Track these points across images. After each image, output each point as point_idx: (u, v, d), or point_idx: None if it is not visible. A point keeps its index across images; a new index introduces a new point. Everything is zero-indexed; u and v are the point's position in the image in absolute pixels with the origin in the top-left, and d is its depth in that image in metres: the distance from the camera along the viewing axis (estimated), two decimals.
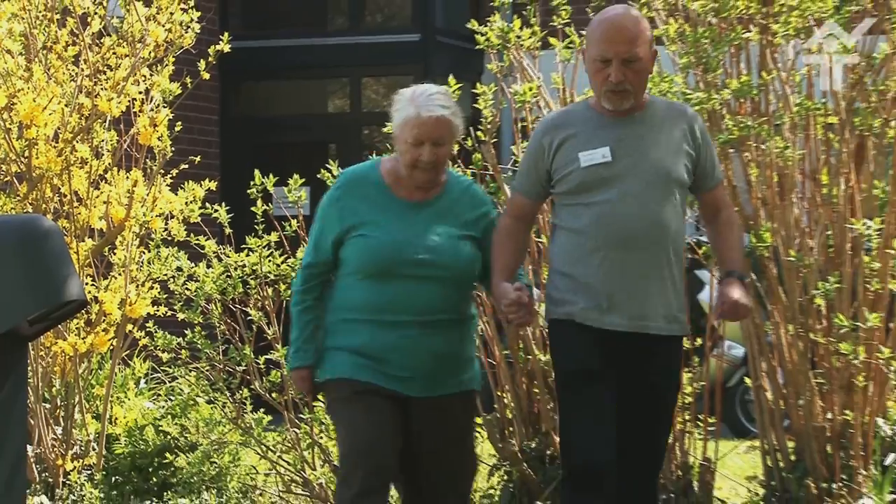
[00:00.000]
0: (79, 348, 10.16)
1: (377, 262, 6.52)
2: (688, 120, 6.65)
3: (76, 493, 10.04)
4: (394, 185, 6.66)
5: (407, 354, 6.52)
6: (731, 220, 6.80)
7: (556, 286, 6.62)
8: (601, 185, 6.45)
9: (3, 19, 10.12)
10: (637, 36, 6.44)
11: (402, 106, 6.60)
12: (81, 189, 10.27)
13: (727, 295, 6.50)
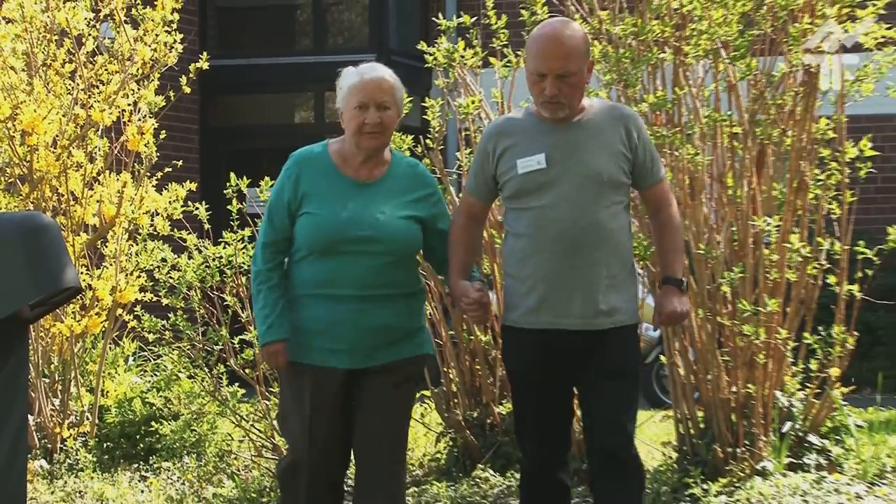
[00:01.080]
0: (74, 330, 10.15)
1: (322, 239, 6.14)
2: (624, 121, 6.25)
3: (72, 457, 10.01)
4: (341, 165, 6.27)
5: (351, 327, 6.13)
6: (670, 220, 6.37)
7: (506, 289, 6.34)
8: (537, 190, 6.11)
9: (7, 39, 10.10)
10: (570, 52, 6.07)
11: (347, 76, 6.25)
12: (77, 189, 10.26)
13: (664, 305, 6.23)
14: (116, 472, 9.85)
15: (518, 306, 6.18)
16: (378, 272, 6.13)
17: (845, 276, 8.75)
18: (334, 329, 6.13)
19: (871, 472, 8.73)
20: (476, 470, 9.10)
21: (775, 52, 8.77)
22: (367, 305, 6.12)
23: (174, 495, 9.28)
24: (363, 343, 6.16)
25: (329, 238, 6.11)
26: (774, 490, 8.32)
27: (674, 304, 6.19)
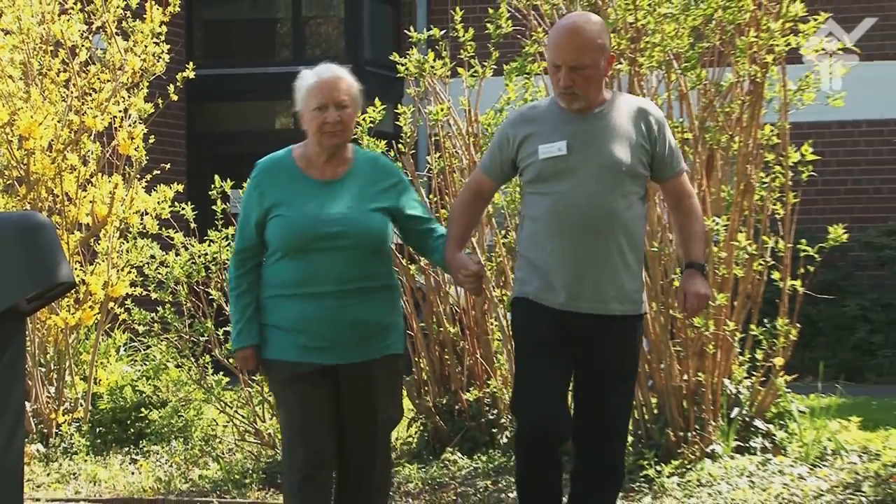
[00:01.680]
0: (69, 322, 10.13)
1: (293, 238, 5.86)
2: (646, 115, 6.00)
3: (66, 441, 9.98)
4: (306, 167, 6.00)
5: (329, 324, 5.85)
6: (691, 210, 6.12)
7: (520, 268, 6.08)
8: (556, 176, 5.87)
9: (6, 50, 10.09)
10: (585, 44, 5.83)
11: (304, 78, 6.02)
12: (71, 191, 10.23)
13: (689, 287, 5.99)
14: (108, 455, 9.83)
15: (533, 284, 5.95)
16: (353, 265, 5.88)
17: (788, 272, 8.78)
18: (314, 326, 5.87)
19: (812, 454, 8.75)
20: (445, 453, 9.11)
21: (723, 63, 8.79)
22: (346, 301, 5.86)
23: (162, 477, 9.26)
24: (343, 339, 5.89)
25: (300, 237, 5.87)
26: (723, 471, 8.34)
27: (698, 287, 5.98)
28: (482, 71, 9.02)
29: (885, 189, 16.41)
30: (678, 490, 8.22)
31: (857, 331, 15.32)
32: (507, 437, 9.12)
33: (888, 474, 8.25)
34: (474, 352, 9.38)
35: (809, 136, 9.92)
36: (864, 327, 15.33)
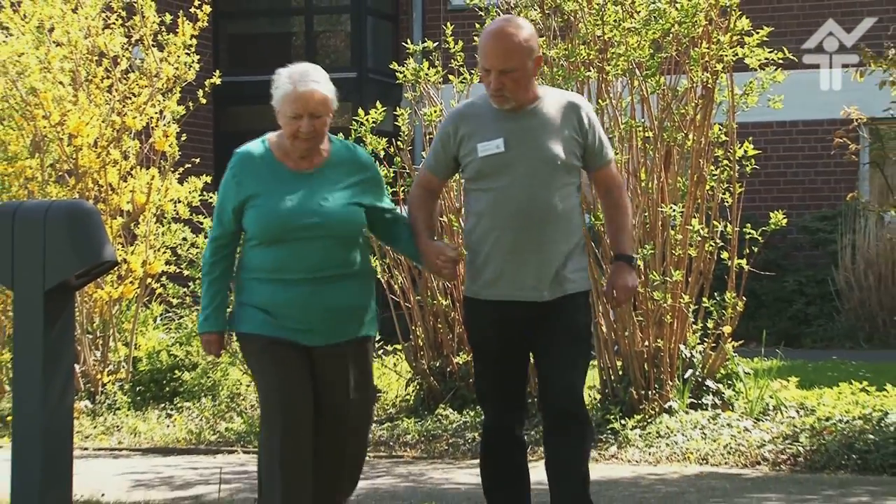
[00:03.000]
0: (112, 295, 10.14)
1: (270, 229, 5.33)
2: (576, 109, 5.54)
3: (110, 398, 9.99)
4: (282, 158, 5.45)
5: (303, 309, 5.33)
6: (620, 201, 5.67)
7: (467, 264, 5.59)
8: (496, 172, 5.42)
9: (57, 59, 10.08)
10: (512, 49, 5.38)
11: (281, 83, 5.45)
12: (114, 182, 10.23)
13: (617, 279, 5.56)
14: (147, 410, 9.84)
15: (477, 279, 5.51)
16: (326, 255, 5.35)
17: (735, 253, 8.79)
18: (287, 310, 5.34)
19: (756, 410, 8.77)
20: (438, 409, 9.13)
21: (680, 71, 8.81)
22: (318, 287, 5.33)
23: (193, 429, 9.27)
24: (316, 323, 5.35)
25: (277, 228, 5.33)
26: (679, 425, 8.36)
27: (625, 279, 5.54)
28: (470, 78, 9.02)
29: (819, 181, 16.44)
30: (640, 441, 8.25)
31: (794, 303, 15.34)
32: None
33: (821, 427, 8.27)
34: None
35: (753, 135, 9.92)
36: (801, 300, 15.36)
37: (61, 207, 6.64)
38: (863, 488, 7.19)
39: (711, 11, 8.64)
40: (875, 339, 14.51)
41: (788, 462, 7.90)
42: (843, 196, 14.25)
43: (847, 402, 9.02)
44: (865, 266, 14.74)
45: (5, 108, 10.19)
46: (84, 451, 8.64)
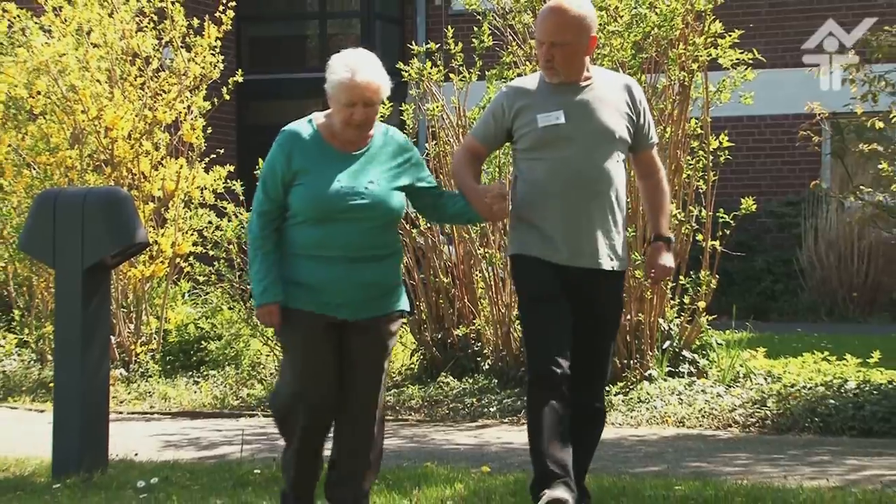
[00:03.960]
0: (144, 273, 10.14)
1: (318, 208, 5.00)
2: (629, 89, 5.27)
3: (143, 367, 9.99)
4: (330, 138, 5.11)
5: (340, 285, 5.01)
6: (661, 184, 5.38)
7: (515, 228, 5.28)
8: (554, 142, 5.12)
9: (95, 59, 10.08)
10: (566, 23, 5.09)
11: (337, 70, 5.09)
12: (146, 170, 10.22)
13: (658, 261, 5.28)
14: (176, 378, 9.84)
15: (530, 241, 5.18)
16: (366, 236, 5.04)
17: (709, 235, 8.77)
18: (327, 286, 5.02)
19: (728, 377, 8.77)
20: (440, 377, 9.13)
21: (659, 70, 8.78)
22: (356, 265, 5.02)
23: (218, 395, 9.27)
24: (353, 298, 5.04)
25: (325, 207, 5.00)
26: (658, 391, 8.35)
27: (664, 259, 5.26)
28: (469, 76, 9.00)
29: (785, 170, 16.42)
30: (623, 405, 8.24)
31: (762, 281, 15.34)
32: (488, 364, 9.13)
33: (787, 393, 8.27)
34: (463, 297, 9.38)
35: (726, 128, 9.90)
36: (769, 278, 15.35)
37: (98, 194, 6.64)
38: (824, 448, 7.19)
39: (688, 16, 8.63)
40: (835, 314, 14.52)
41: (757, 425, 7.90)
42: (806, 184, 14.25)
43: (810, 370, 9.03)
44: (827, 247, 14.74)
45: (48, 104, 10.18)
46: (119, 415, 8.64)
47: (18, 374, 10.15)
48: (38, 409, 9.09)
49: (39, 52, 10.07)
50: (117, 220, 6.39)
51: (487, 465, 6.52)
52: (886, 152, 8.63)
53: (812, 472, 6.41)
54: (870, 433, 7.57)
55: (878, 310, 14.37)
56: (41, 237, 6.44)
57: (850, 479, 6.26)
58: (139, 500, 5.86)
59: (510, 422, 8.22)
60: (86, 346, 6.37)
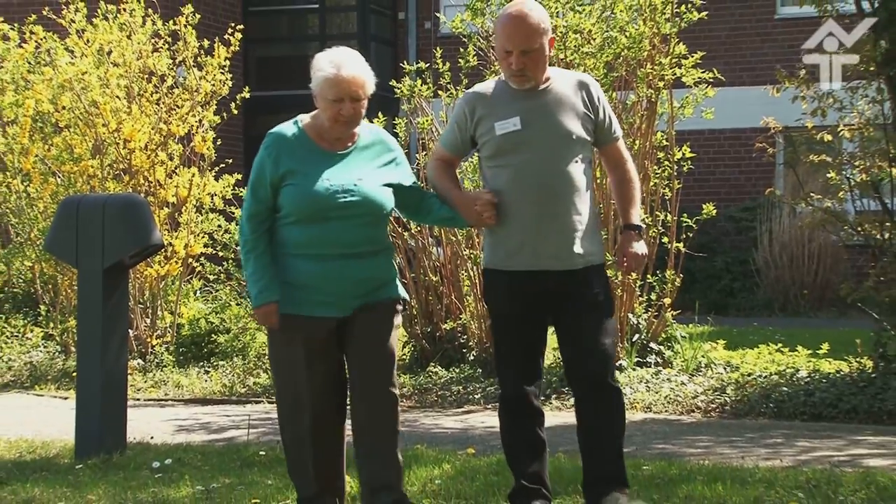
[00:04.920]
0: (160, 273, 10.12)
1: (308, 208, 4.67)
2: (586, 86, 4.90)
3: (158, 358, 9.97)
4: (317, 139, 4.78)
5: (334, 281, 4.68)
6: (627, 174, 4.99)
7: (486, 237, 4.96)
8: (514, 149, 4.77)
9: (114, 77, 10.06)
10: (533, 30, 4.74)
11: (323, 67, 4.78)
12: (161, 178, 10.20)
13: (629, 249, 4.90)
14: (188, 367, 9.81)
15: (499, 251, 4.85)
16: (358, 232, 4.71)
17: (674, 238, 8.78)
18: (321, 283, 4.69)
19: (691, 367, 8.77)
20: (429, 367, 9.12)
21: (628, 87, 8.78)
22: (349, 261, 4.70)
23: (227, 383, 9.25)
24: (348, 293, 4.72)
25: (315, 207, 4.67)
26: (627, 379, 8.35)
27: (636, 248, 4.89)
28: (455, 93, 8.98)
29: (742, 178, 16.46)
30: None
31: (722, 279, 15.36)
32: (473, 355, 9.12)
33: (744, 381, 8.28)
34: (450, 294, 9.38)
35: (689, 140, 9.92)
36: (727, 276, 15.37)
37: (117, 200, 6.62)
38: (778, 431, 7.19)
39: (654, 39, 8.64)
40: (788, 309, 14.54)
41: (717, 410, 7.90)
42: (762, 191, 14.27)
43: (765, 360, 9.04)
44: (780, 249, 14.76)
45: (71, 118, 10.17)
46: (136, 402, 8.61)
47: (44, 364, 10.12)
48: (62, 396, 9.06)
49: (64, 71, 10.06)
50: (135, 223, 6.37)
51: (472, 447, 6.51)
52: (834, 163, 8.64)
53: (767, 454, 6.41)
54: (819, 417, 7.57)
55: (827, 305, 14.39)
56: (65, 239, 6.42)
57: (802, 459, 6.27)
58: (154, 479, 5.84)
59: (493, 408, 8.21)
60: (106, 339, 6.35)
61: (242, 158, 16.37)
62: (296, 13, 18.52)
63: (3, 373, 10.02)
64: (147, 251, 6.64)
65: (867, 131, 8.52)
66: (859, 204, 8.66)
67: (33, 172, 10.33)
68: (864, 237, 8.53)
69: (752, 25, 16.83)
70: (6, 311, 11.27)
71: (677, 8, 8.72)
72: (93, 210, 6.38)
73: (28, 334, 10.80)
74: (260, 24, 17.53)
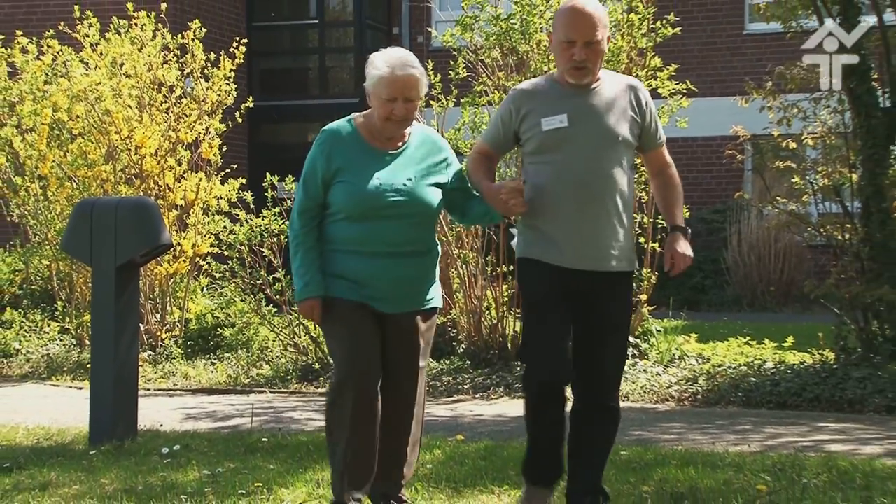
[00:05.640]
0: (169, 271, 10.10)
1: (359, 205, 4.43)
2: (636, 91, 4.60)
3: (167, 350, 9.95)
4: (369, 138, 4.54)
5: (380, 279, 4.45)
6: (672, 178, 4.68)
7: (524, 231, 4.61)
8: (558, 146, 4.47)
9: (126, 88, 10.03)
10: (597, 22, 4.46)
11: (378, 66, 4.49)
12: (170, 183, 10.18)
13: (677, 250, 4.52)
14: (195, 359, 9.80)
15: (536, 246, 4.53)
16: (405, 232, 4.47)
17: (650, 238, 8.77)
18: (367, 280, 4.46)
19: (665, 359, 8.77)
20: None
21: None
22: (396, 260, 4.47)
23: (232, 374, 9.23)
24: (392, 292, 4.48)
25: (366, 205, 4.42)
26: None
27: (683, 248, 4.53)
28: (446, 103, 8.97)
29: (713, 183, 16.47)
30: None
31: (694, 277, 15.36)
32: (462, 348, 9.11)
33: (715, 372, 8.28)
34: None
35: None
36: (699, 274, 15.38)
37: (129, 202, 6.61)
38: (746, 419, 7.20)
39: (632, 52, 8.63)
40: (755, 305, 14.56)
41: (690, 399, 7.91)
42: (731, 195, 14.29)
43: (734, 352, 9.04)
44: (748, 248, 14.78)
45: (86, 126, 10.15)
46: (146, 391, 8.59)
47: (60, 356, 10.11)
48: (77, 386, 9.04)
49: (79, 82, 10.05)
50: (145, 225, 6.36)
51: (461, 434, 6.51)
52: (798, 168, 8.66)
53: (735, 439, 6.42)
54: (785, 406, 7.58)
55: (792, 301, 14.42)
56: (80, 239, 6.40)
57: (768, 444, 6.27)
58: (164, 464, 5.82)
59: (481, 397, 8.21)
60: (118, 333, 6.34)
61: (246, 164, 16.34)
62: (297, 28, 18.50)
63: (21, 364, 10.00)
64: (157, 250, 6.62)
65: (829, 139, 8.54)
66: (822, 207, 8.68)
67: (50, 177, 10.31)
68: (826, 238, 8.55)
69: (723, 40, 16.86)
70: (25, 307, 11.24)
71: (653, 24, 8.73)
72: (106, 212, 6.37)
73: (45, 328, 10.77)
74: (263, 38, 17.51)
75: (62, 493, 5.24)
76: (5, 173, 10.58)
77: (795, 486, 4.98)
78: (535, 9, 8.53)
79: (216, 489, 5.20)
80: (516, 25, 8.59)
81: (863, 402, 7.40)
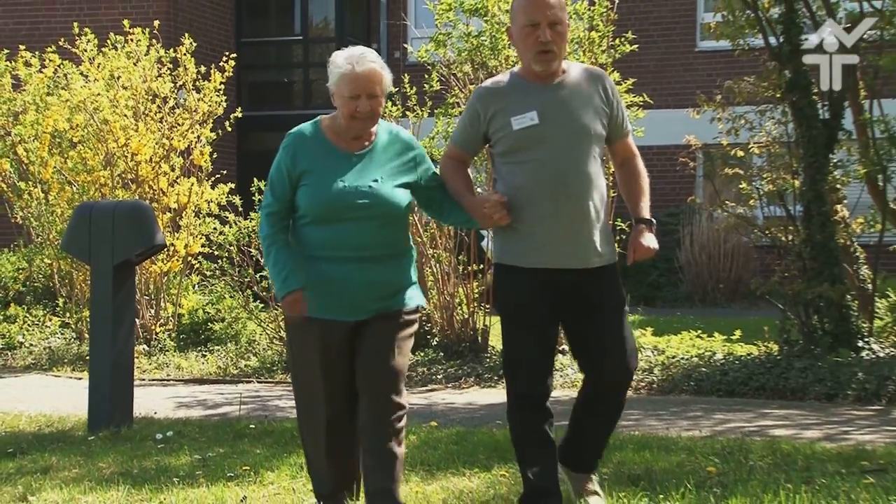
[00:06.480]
0: (163, 269, 10.05)
1: (323, 208, 4.06)
2: (601, 80, 4.20)
3: (161, 343, 9.90)
4: (335, 139, 4.14)
5: (348, 284, 4.06)
6: (637, 168, 4.30)
7: (500, 233, 4.19)
8: (532, 144, 4.07)
9: (122, 99, 9.98)
10: (560, 1, 4.09)
11: (339, 64, 4.09)
12: (164, 187, 10.14)
13: (637, 241, 4.17)
14: (188, 352, 9.76)
15: (515, 248, 4.15)
16: (375, 234, 4.08)
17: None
18: (336, 286, 4.06)
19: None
20: None
21: None
22: (365, 265, 4.06)
23: (221, 365, 9.20)
24: (363, 297, 4.08)
25: (330, 207, 4.05)
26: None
27: (647, 241, 4.17)
28: (421, 113, 8.97)
29: (668, 188, 16.53)
30: None
31: (650, 275, 15.42)
32: (436, 341, 9.10)
33: (669, 362, 8.31)
34: None
35: None
36: (655, 273, 15.44)
37: (125, 206, 6.57)
38: (698, 406, 7.23)
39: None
40: (706, 301, 14.63)
41: (646, 388, 7.93)
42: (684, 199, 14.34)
43: (687, 345, 9.08)
44: (699, 249, 14.86)
45: (85, 134, 10.11)
46: (142, 381, 8.55)
47: (61, 349, 10.05)
48: (77, 377, 8.98)
49: (78, 93, 9.99)
50: (141, 226, 6.33)
51: (435, 420, 6.50)
52: (745, 175, 8.70)
53: (688, 425, 6.44)
54: (733, 394, 7.62)
55: (740, 298, 14.49)
56: (80, 240, 6.37)
57: (718, 429, 6.30)
58: (157, 449, 5.80)
59: (453, 387, 8.22)
60: (115, 327, 6.31)
61: (235, 170, 16.30)
62: (282, 44, 18.46)
63: (25, 356, 9.93)
64: (152, 250, 6.60)
65: (774, 148, 8.59)
66: (767, 210, 8.74)
67: (52, 182, 10.25)
68: (771, 239, 8.60)
69: (676, 57, 16.94)
70: (28, 303, 11.18)
71: (612, 41, 8.75)
72: (104, 215, 6.33)
73: (47, 323, 10.71)
74: (251, 53, 17.45)
75: (62, 476, 5.22)
76: (10, 178, 10.53)
77: (742, 468, 5.01)
78: (503, 27, 8.54)
79: (206, 472, 5.18)
80: (486, 42, 8.60)
81: (804, 390, 7.45)
